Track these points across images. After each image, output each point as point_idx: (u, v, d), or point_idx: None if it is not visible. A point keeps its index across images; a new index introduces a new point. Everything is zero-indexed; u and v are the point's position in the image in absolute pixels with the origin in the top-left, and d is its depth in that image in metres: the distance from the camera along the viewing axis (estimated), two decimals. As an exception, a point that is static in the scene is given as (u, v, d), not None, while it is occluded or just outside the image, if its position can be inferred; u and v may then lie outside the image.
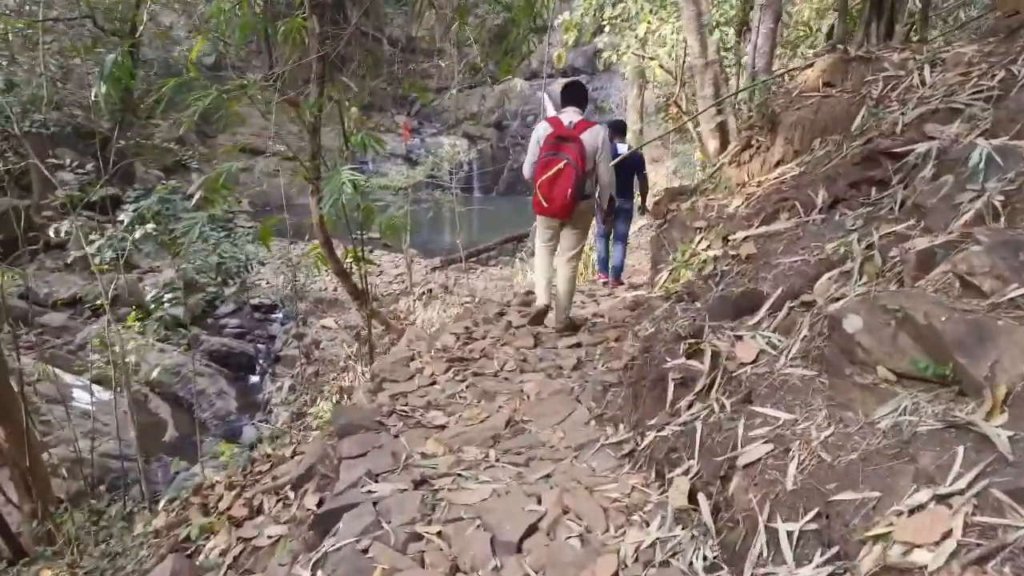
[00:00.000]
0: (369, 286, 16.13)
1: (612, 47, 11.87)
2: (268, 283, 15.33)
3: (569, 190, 4.69)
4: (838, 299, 2.78)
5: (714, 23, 8.24)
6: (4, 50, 15.87)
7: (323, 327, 14.31)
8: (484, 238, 17.31)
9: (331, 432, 3.82)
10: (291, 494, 3.71)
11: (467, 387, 4.18)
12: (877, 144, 3.47)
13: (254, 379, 13.33)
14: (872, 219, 3.17)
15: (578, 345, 4.68)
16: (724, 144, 9.58)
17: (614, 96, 22.31)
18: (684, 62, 11.88)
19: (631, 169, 7.48)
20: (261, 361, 13.75)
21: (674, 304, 3.60)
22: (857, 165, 3.49)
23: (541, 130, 4.96)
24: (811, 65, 4.20)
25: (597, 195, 5.13)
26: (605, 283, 7.24)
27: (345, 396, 5.70)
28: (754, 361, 2.86)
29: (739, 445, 2.51)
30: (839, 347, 2.55)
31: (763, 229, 3.65)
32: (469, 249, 15.89)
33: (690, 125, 12.34)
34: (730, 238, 3.72)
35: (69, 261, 14.67)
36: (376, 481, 3.09)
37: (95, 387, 9.97)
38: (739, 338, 3.02)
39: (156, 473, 10.44)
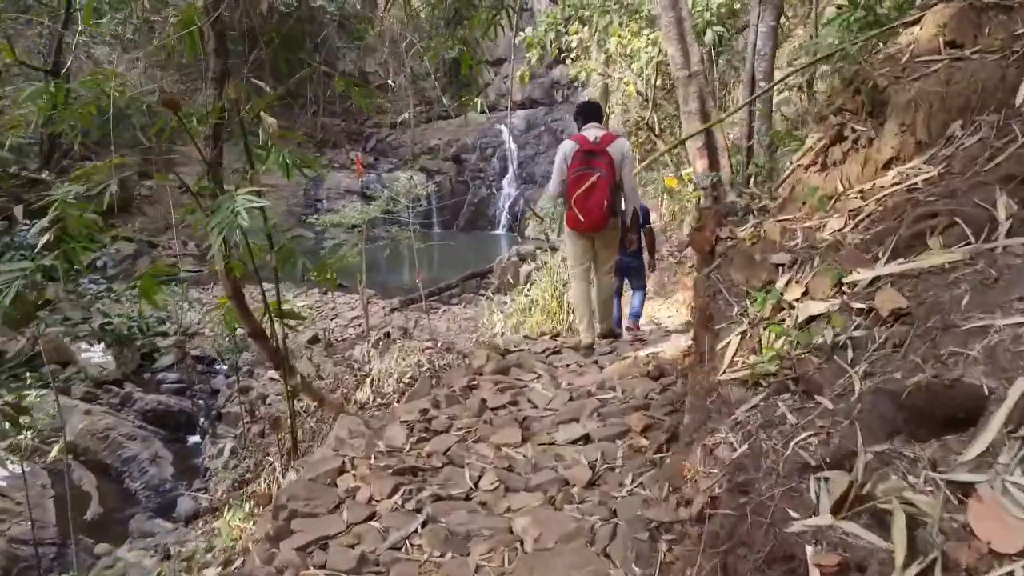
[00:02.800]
0: (324, 333, 14.35)
1: (580, 67, 10.45)
2: (211, 331, 13.50)
3: (605, 201, 4.64)
4: None
5: (704, 23, 6.82)
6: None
7: (271, 379, 12.50)
8: (445, 275, 15.68)
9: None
10: None
11: (424, 525, 2.51)
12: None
13: (194, 439, 11.42)
14: None
15: (587, 440, 3.04)
16: (713, 163, 8.17)
17: (573, 127, 21.01)
18: (656, 82, 10.49)
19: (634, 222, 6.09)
20: (202, 419, 11.86)
21: (771, 398, 2.01)
22: (1071, 153, 1.97)
23: (568, 148, 4.90)
24: (918, 20, 2.71)
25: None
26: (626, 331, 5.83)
27: (261, 508, 3.98)
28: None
29: None
30: None
31: (904, 265, 2.09)
32: (430, 288, 14.25)
33: (663, 147, 10.96)
34: (848, 281, 2.16)
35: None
36: None
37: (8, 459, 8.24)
38: (964, 491, 1.44)
39: (72, 561, 8.60)
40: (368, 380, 8.37)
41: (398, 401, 7.76)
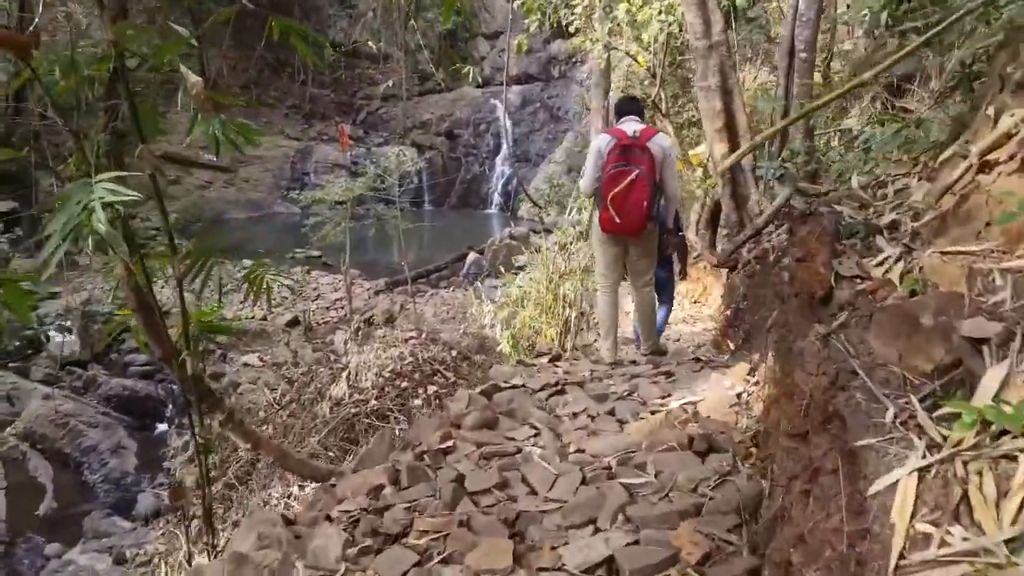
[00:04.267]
0: (305, 315, 13.20)
1: (583, 38, 9.22)
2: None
3: (645, 201, 4.17)
4: None
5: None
6: None
7: (245, 365, 11.41)
8: (435, 255, 14.54)
9: None
10: None
11: None
12: None
13: (162, 428, 10.39)
14: None
15: (610, 568, 1.93)
16: (734, 148, 7.04)
17: (570, 105, 19.68)
18: (664, 56, 9.30)
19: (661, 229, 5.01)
20: (170, 407, 10.80)
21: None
22: None
23: (603, 142, 4.39)
24: None
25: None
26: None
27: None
28: None
29: None
30: None
31: None
32: (417, 270, 13.11)
33: (670, 129, 9.78)
34: None
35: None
36: None
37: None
38: None
39: (23, 561, 7.65)
40: (345, 374, 7.31)
41: (377, 398, 6.68)
